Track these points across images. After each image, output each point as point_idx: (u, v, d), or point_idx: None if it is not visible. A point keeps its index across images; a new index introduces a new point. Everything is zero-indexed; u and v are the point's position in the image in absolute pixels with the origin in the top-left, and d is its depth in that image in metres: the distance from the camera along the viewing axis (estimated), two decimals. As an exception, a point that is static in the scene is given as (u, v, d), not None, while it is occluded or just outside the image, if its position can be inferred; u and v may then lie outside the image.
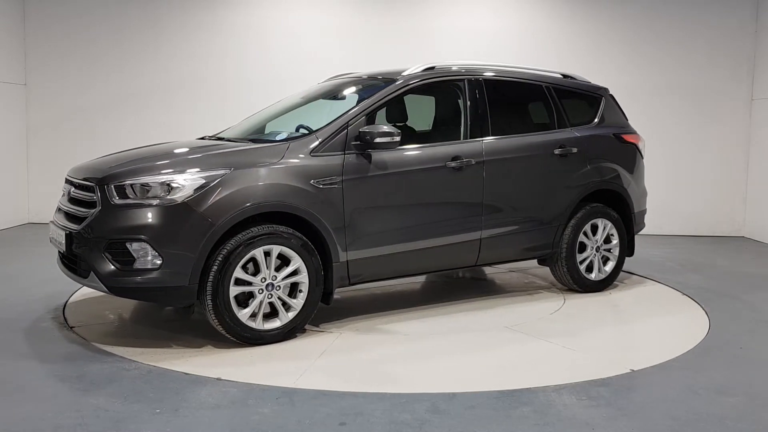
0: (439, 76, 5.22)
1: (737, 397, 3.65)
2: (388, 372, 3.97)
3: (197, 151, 4.55)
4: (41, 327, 4.68)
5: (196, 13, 9.22)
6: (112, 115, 9.24)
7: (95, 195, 4.19)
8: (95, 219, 4.13)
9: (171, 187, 4.09)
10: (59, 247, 4.42)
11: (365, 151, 4.64)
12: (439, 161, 4.95)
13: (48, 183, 8.77)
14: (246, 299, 4.26)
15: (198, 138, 5.55)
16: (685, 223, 9.33)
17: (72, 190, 4.49)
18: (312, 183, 4.41)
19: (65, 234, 4.26)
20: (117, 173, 4.21)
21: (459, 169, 5.01)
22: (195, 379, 3.74)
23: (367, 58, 8.82)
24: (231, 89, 9.19)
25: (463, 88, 5.25)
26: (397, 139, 4.59)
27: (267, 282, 4.27)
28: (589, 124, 5.92)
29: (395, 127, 5.22)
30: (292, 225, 4.36)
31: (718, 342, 4.60)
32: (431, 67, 5.21)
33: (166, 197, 4.07)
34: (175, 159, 4.43)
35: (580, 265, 5.70)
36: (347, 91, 5.46)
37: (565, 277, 5.72)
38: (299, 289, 4.39)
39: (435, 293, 5.98)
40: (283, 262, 4.34)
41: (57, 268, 4.69)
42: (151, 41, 9.24)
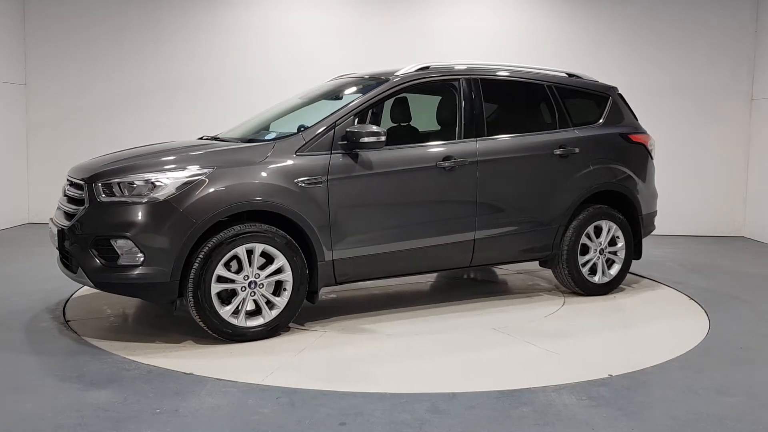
0: (434, 75, 5.21)
1: (737, 397, 3.65)
2: (361, 371, 3.98)
3: (184, 151, 4.64)
4: (41, 327, 4.68)
5: (196, 13, 9.22)
6: (112, 115, 9.24)
7: (84, 193, 4.31)
8: (83, 216, 4.26)
9: (154, 186, 4.18)
10: (55, 244, 4.51)
11: (352, 151, 4.66)
12: (429, 161, 4.94)
13: (48, 183, 8.76)
14: (231, 296, 4.32)
15: (198, 138, 5.56)
16: (685, 223, 9.33)
17: (67, 188, 4.61)
18: (296, 182, 4.45)
19: (58, 230, 4.39)
20: (104, 172, 4.32)
21: (451, 170, 4.99)
22: (195, 379, 3.74)
23: (367, 58, 8.81)
24: (231, 89, 9.19)
25: (459, 87, 5.23)
26: (383, 139, 4.59)
27: (250, 280, 4.32)
28: (594, 123, 5.82)
29: (400, 127, 5.25)
30: (277, 224, 4.41)
31: (718, 342, 4.60)
32: (426, 67, 5.21)
33: (149, 195, 4.16)
34: (161, 158, 4.50)
35: (582, 268, 5.60)
36: (347, 92, 5.47)
37: (567, 280, 5.63)
38: (283, 288, 4.44)
39: (434, 294, 5.97)
40: (269, 260, 4.39)
41: (57, 268, 4.72)
42: (151, 41, 9.24)
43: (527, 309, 5.34)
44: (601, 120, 5.86)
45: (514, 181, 5.32)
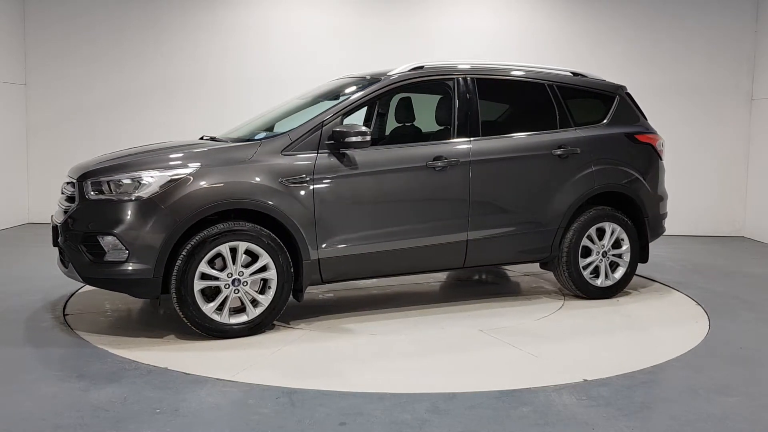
0: (427, 75, 5.19)
1: (737, 397, 3.65)
2: (333, 369, 3.99)
3: (173, 150, 4.71)
4: (41, 327, 4.68)
5: (196, 13, 9.22)
6: (112, 115, 9.24)
7: (75, 191, 4.42)
8: (74, 213, 4.38)
9: (140, 184, 4.27)
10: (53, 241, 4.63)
11: (339, 151, 4.67)
12: (419, 161, 4.92)
13: (48, 183, 8.77)
14: (217, 293, 4.39)
15: (199, 138, 5.56)
16: (685, 223, 9.32)
17: (64, 186, 4.72)
18: (280, 181, 4.49)
19: (52, 227, 4.56)
20: (94, 170, 4.43)
21: (442, 170, 4.97)
22: (195, 379, 3.74)
23: (368, 58, 8.80)
24: (231, 89, 9.19)
25: (453, 87, 5.20)
26: (368, 139, 4.61)
27: (233, 277, 4.37)
28: (599, 123, 5.69)
29: (406, 127, 5.24)
30: (264, 223, 4.45)
31: (718, 342, 4.60)
32: (420, 67, 5.18)
33: (135, 193, 4.25)
34: (150, 157, 4.56)
35: (584, 271, 5.49)
36: (347, 91, 5.46)
37: (567, 282, 5.51)
38: (268, 286, 4.48)
39: (434, 294, 5.96)
40: (255, 258, 4.45)
41: (57, 267, 4.74)
42: (151, 41, 9.24)
43: (522, 311, 5.25)
44: (606, 120, 5.73)
45: (508, 182, 5.25)
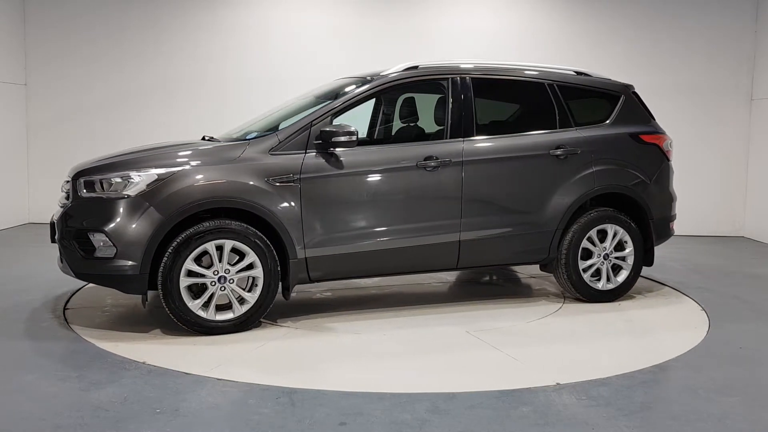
0: (421, 75, 5.17)
1: (737, 397, 3.65)
2: (313, 367, 4.00)
3: (164, 149, 4.82)
4: (41, 327, 4.68)
5: (196, 13, 9.22)
6: (112, 115, 9.24)
7: (70, 189, 4.56)
8: (68, 210, 4.50)
9: (129, 182, 4.37)
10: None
11: (327, 151, 4.69)
12: (409, 161, 4.90)
13: (48, 183, 8.76)
14: (203, 291, 4.45)
15: (200, 138, 5.56)
16: (685, 223, 9.29)
17: (63, 185, 4.79)
18: (267, 180, 4.53)
19: (50, 223, 4.69)
20: (87, 169, 4.55)
21: (434, 170, 4.94)
22: (195, 379, 3.74)
23: (367, 58, 8.81)
24: (231, 89, 9.19)
25: (447, 87, 5.16)
26: (355, 139, 4.63)
27: (219, 275, 4.44)
28: (601, 123, 5.58)
29: (409, 127, 5.24)
30: (251, 221, 4.50)
31: (718, 342, 4.60)
32: (414, 67, 5.17)
33: (122, 192, 4.35)
34: (141, 156, 4.65)
35: (584, 273, 5.38)
36: (345, 92, 5.45)
37: (567, 285, 5.41)
38: (255, 284, 4.53)
39: (434, 295, 5.95)
40: (242, 257, 4.49)
41: (57, 267, 4.75)
42: (151, 41, 9.24)
43: (517, 313, 5.17)
44: (609, 120, 5.61)
45: (503, 183, 5.18)
